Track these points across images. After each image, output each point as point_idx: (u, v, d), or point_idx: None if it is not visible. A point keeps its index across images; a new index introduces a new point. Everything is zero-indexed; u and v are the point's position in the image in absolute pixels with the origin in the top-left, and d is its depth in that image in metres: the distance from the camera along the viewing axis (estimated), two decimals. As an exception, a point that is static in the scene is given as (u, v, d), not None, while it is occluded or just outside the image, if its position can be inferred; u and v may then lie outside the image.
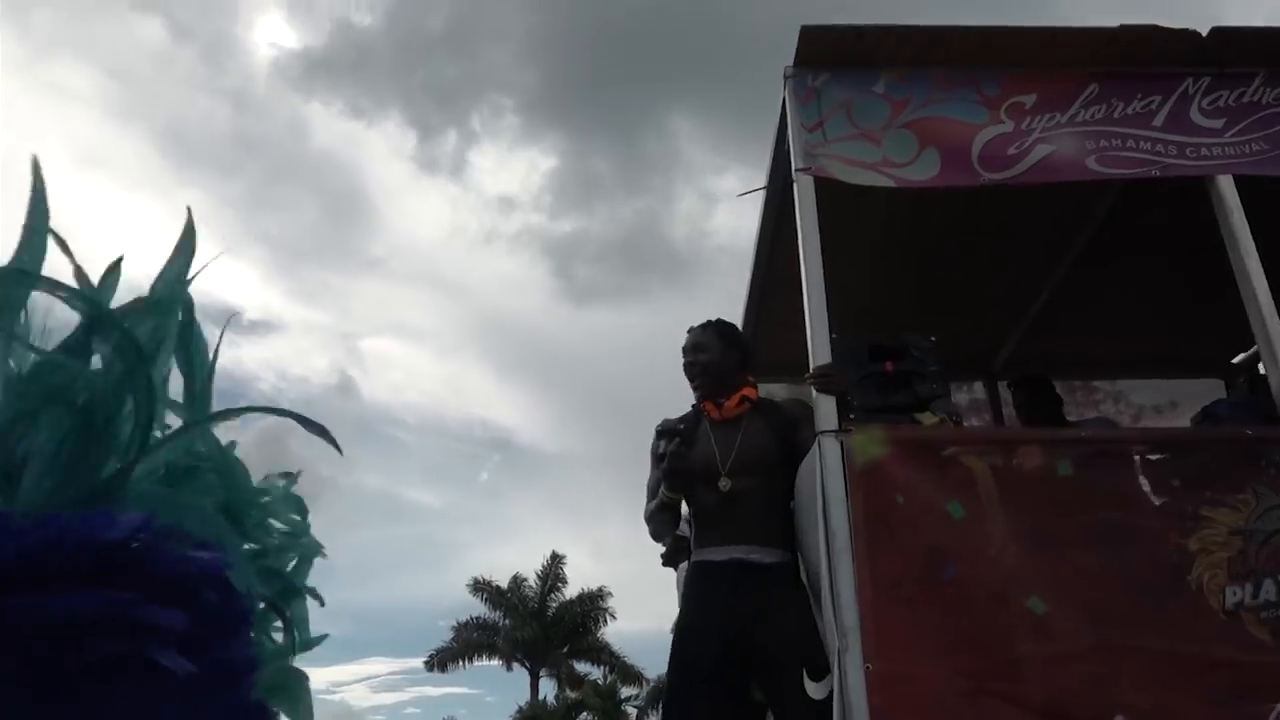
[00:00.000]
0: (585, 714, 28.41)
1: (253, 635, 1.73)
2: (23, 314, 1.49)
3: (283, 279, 75.39)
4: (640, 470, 3.05)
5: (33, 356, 1.46)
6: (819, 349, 2.79)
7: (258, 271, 76.10)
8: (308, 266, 70.14)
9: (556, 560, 29.74)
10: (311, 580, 2.18)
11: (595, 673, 29.25)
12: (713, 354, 3.03)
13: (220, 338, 1.96)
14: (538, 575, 29.85)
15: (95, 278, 1.66)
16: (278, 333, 72.92)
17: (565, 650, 29.20)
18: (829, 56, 3.12)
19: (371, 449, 64.75)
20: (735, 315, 3.19)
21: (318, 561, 2.21)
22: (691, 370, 3.05)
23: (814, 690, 2.49)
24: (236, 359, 64.93)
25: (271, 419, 1.80)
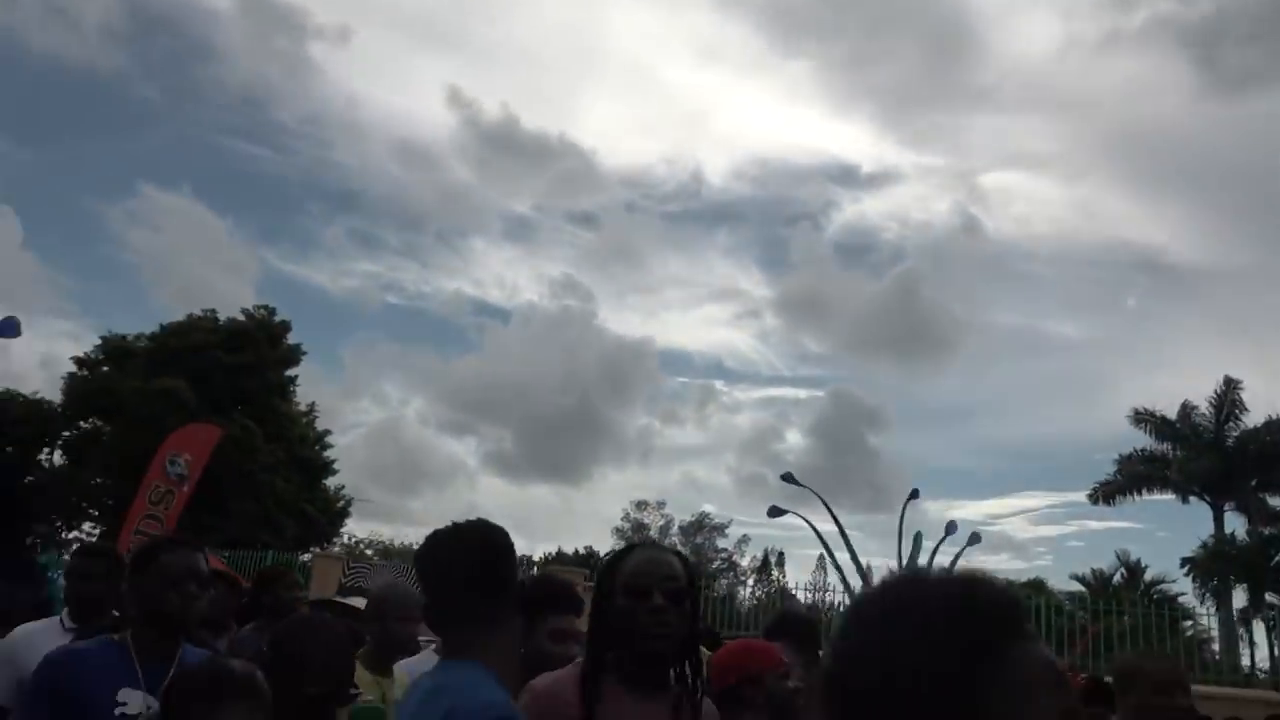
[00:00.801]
0: (1285, 551, 24.56)
1: None
2: None
3: (894, 129, 74.64)
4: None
5: None
6: None
7: (870, 126, 76.51)
8: (917, 111, 68.69)
9: (1232, 386, 26.90)
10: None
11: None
12: None
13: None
14: (1209, 403, 27.12)
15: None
16: (896, 182, 72.00)
17: (1254, 483, 26.33)
18: None
19: (1004, 286, 61.91)
20: None
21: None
22: None
23: None
24: (860, 213, 66.94)
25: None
